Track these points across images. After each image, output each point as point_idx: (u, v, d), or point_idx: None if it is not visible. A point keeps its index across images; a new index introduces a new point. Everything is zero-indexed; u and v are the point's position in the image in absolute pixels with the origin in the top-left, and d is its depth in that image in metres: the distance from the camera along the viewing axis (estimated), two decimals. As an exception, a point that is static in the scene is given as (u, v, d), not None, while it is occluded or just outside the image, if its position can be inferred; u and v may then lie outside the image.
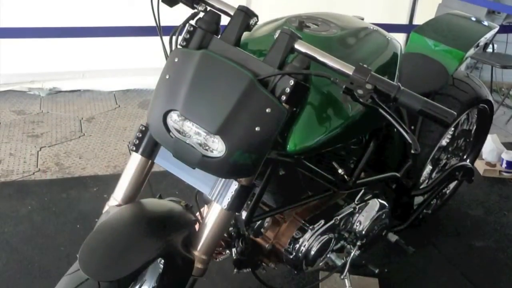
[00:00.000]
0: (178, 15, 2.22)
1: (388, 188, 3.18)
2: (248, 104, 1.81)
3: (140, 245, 1.89)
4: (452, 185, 4.07)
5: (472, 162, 4.09)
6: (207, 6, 2.11)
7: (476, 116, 3.90)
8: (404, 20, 6.79)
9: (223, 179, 2.03)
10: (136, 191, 2.21)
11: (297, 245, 2.65)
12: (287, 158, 2.19)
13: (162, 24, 2.19)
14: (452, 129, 3.68)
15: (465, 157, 4.05)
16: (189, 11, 2.12)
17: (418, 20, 6.50)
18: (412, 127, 3.22)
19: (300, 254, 2.65)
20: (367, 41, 2.45)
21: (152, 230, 1.95)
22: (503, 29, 5.75)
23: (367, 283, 3.31)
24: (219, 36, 2.02)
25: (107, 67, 6.16)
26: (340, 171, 2.55)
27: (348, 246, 2.92)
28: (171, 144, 1.95)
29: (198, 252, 2.08)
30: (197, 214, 2.24)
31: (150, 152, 2.18)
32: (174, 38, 2.06)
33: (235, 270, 2.60)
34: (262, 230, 2.55)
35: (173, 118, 1.92)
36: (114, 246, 1.86)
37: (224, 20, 2.04)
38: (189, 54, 1.94)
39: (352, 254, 2.89)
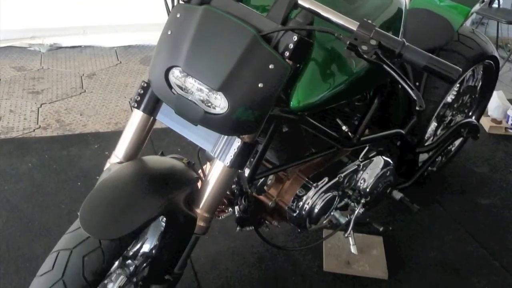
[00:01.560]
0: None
1: (392, 145, 3.16)
2: (251, 60, 1.79)
3: (141, 202, 1.88)
4: (457, 142, 4.05)
5: (478, 119, 4.06)
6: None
7: (481, 72, 3.87)
8: (408, -25, 6.73)
9: (226, 136, 2.02)
10: (137, 148, 2.20)
11: (301, 203, 2.63)
12: (290, 115, 2.17)
13: (164, -22, 2.14)
14: (457, 85, 3.65)
15: (470, 113, 4.02)
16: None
17: (423, -25, 6.43)
18: (417, 84, 3.19)
19: (303, 212, 2.64)
20: (371, -4, 2.40)
21: (154, 188, 1.94)
22: (509, -16, 5.69)
23: (371, 241, 3.30)
24: (222, -9, 1.98)
25: (108, 22, 6.12)
26: (344, 128, 2.52)
27: (352, 204, 2.91)
28: (173, 101, 1.93)
29: (201, 210, 2.07)
30: (199, 171, 2.23)
31: (152, 109, 2.16)
32: (176, -7, 2.02)
33: (238, 228, 2.59)
34: (265, 187, 2.53)
35: (175, 75, 1.90)
36: (115, 204, 1.85)
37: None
38: (191, 10, 1.90)
39: (356, 212, 2.88)
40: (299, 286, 3.03)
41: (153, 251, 2.25)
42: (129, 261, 2.20)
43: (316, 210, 2.65)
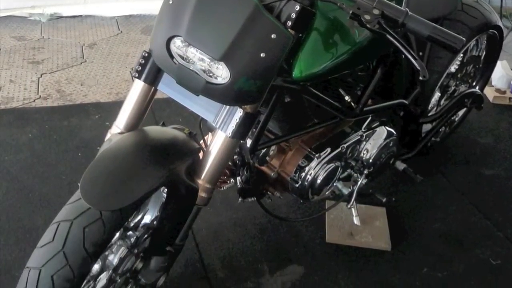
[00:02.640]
0: None
1: (395, 115, 3.14)
2: (253, 29, 1.78)
3: (142, 173, 1.87)
4: (461, 113, 4.03)
5: (482, 89, 4.04)
6: None
7: (485, 42, 3.84)
8: None
9: (228, 106, 2.00)
10: (138, 118, 2.19)
11: (303, 174, 2.62)
12: (293, 85, 2.15)
13: None
14: (461, 55, 3.63)
15: (474, 84, 4.00)
16: None
17: None
18: (420, 53, 3.17)
19: (306, 183, 2.63)
20: (374, -36, 2.37)
21: (155, 158, 1.93)
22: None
23: (374, 212, 3.29)
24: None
25: (109, -8, 6.10)
26: (347, 98, 2.51)
27: (355, 174, 2.90)
28: (175, 71, 1.92)
29: (202, 180, 2.07)
30: (201, 142, 2.22)
31: (153, 79, 2.14)
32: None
33: (240, 199, 2.59)
34: (267, 158, 2.53)
35: (177, 44, 1.89)
36: (116, 175, 1.84)
37: None
38: (193, -21, 1.88)
39: (359, 183, 2.87)
40: (301, 258, 3.02)
41: (154, 222, 2.25)
42: (130, 232, 2.21)
43: (318, 181, 2.64)
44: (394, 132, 2.96)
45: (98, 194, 1.79)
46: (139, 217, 2.28)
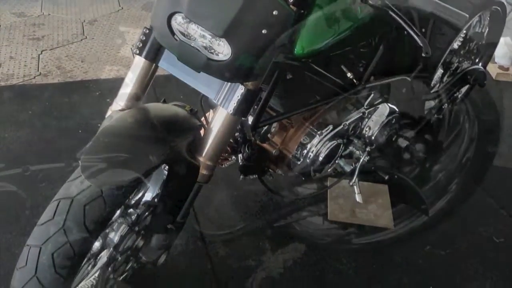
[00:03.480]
0: None
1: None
2: (255, 6, 1.76)
3: (143, 150, 1.86)
4: (463, 89, 4.00)
5: (485, 65, 4.00)
6: None
7: (488, 18, 3.81)
8: None
9: (229, 83, 1.98)
10: (139, 95, 2.18)
11: (305, 151, 2.61)
12: (294, 62, 2.13)
13: None
14: (464, 31, 3.60)
15: (477, 60, 3.97)
16: None
17: None
18: (423, 30, 3.14)
19: (307, 160, 2.62)
20: None
21: (156, 135, 1.92)
22: None
23: (376, 190, 3.29)
24: None
25: (109, -33, 6.07)
26: (349, 75, 2.50)
27: (357, 152, 2.89)
28: (176, 47, 1.91)
29: (203, 158, 2.05)
30: (202, 119, 2.21)
31: (154, 55, 2.13)
32: None
33: (241, 177, 2.58)
34: (269, 135, 2.53)
35: (178, 21, 1.87)
36: (117, 152, 1.83)
37: None
38: (194, -46, 1.86)
39: (361, 160, 2.86)
40: (302, 235, 3.01)
41: (155, 200, 2.25)
42: (131, 210, 2.20)
43: (320, 158, 2.63)
44: (397, 109, 2.95)
45: (99, 171, 1.77)
46: (140, 194, 2.27)
